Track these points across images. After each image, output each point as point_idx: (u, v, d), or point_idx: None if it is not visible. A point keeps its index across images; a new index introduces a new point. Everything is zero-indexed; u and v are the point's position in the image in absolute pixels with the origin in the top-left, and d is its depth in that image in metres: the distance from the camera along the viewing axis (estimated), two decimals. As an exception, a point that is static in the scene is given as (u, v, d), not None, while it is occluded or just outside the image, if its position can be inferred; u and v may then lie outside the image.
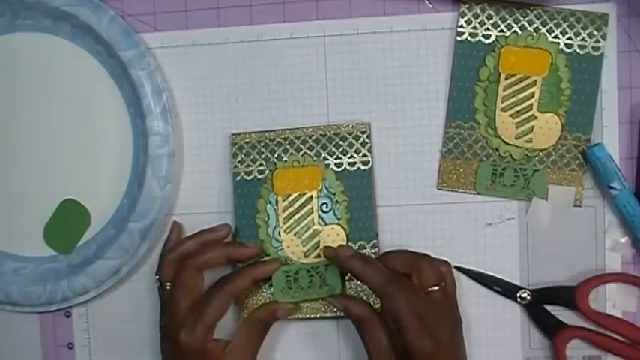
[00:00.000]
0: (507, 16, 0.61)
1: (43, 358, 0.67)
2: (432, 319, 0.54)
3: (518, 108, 0.61)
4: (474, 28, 0.61)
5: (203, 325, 0.56)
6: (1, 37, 0.65)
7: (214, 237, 0.62)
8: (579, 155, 0.61)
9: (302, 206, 0.62)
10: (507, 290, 0.62)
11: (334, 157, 0.62)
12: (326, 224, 0.62)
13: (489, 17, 0.61)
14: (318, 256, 0.62)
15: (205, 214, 0.64)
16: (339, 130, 0.62)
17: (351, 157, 0.62)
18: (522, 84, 0.61)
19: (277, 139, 0.63)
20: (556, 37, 0.61)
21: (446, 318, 0.56)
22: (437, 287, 0.56)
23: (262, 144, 0.63)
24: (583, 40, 0.60)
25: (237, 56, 0.64)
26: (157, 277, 0.60)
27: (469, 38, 0.61)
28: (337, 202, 0.62)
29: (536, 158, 0.61)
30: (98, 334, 0.66)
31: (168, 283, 0.59)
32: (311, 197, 0.62)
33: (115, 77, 0.64)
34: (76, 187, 0.65)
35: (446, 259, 0.59)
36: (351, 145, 0.62)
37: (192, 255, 0.59)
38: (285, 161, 0.63)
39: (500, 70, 0.61)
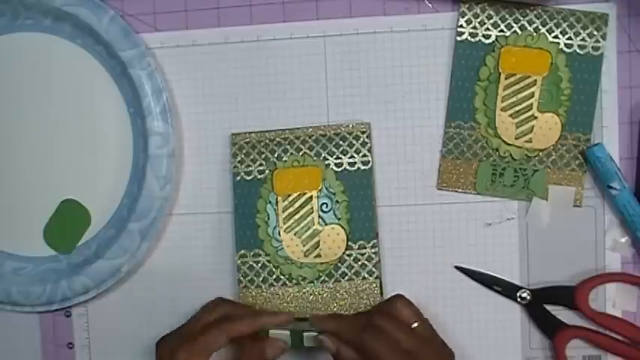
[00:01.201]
0: (507, 16, 0.61)
1: (43, 358, 0.67)
2: (424, 353, 0.54)
3: (518, 108, 0.61)
4: (474, 28, 0.61)
5: (196, 355, 0.56)
6: (1, 37, 0.65)
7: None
8: (579, 155, 0.61)
9: (302, 206, 0.62)
10: (507, 290, 0.62)
11: (334, 157, 0.62)
12: (326, 224, 0.62)
13: (489, 17, 0.61)
14: (318, 256, 0.62)
15: (205, 214, 0.64)
16: (339, 130, 0.62)
17: (351, 157, 0.62)
18: (522, 84, 0.61)
19: (277, 139, 0.63)
20: (556, 36, 0.61)
21: (438, 350, 0.56)
22: (417, 323, 0.56)
23: (262, 144, 0.63)
24: (583, 39, 0.60)
25: (237, 56, 0.64)
26: None
27: (469, 38, 0.61)
28: (337, 201, 0.62)
29: (536, 158, 0.61)
30: (98, 334, 0.66)
31: None
32: (311, 197, 0.62)
33: (115, 77, 0.64)
34: (76, 187, 0.65)
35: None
36: (351, 145, 0.62)
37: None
38: (285, 161, 0.63)
39: (500, 70, 0.61)
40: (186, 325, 0.59)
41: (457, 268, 0.63)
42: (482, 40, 0.61)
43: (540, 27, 0.61)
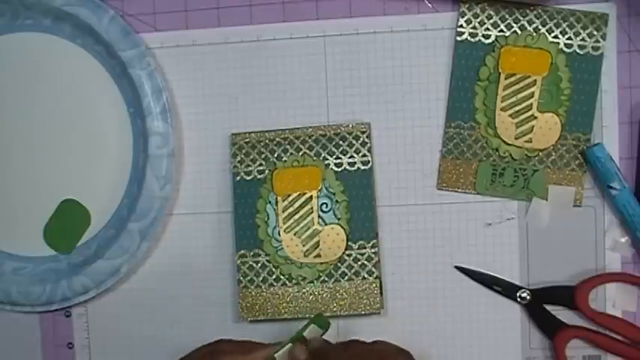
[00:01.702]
0: (507, 16, 0.61)
1: (43, 358, 0.67)
2: None
3: (518, 108, 0.61)
4: (474, 27, 0.61)
5: None
6: (1, 37, 0.65)
7: None
8: (579, 155, 0.61)
9: (302, 206, 0.62)
10: (507, 290, 0.62)
11: (334, 156, 0.62)
12: (326, 224, 0.62)
13: (489, 17, 0.61)
14: (318, 256, 0.62)
15: (205, 214, 0.64)
16: (339, 130, 0.62)
17: (351, 157, 0.62)
18: (522, 84, 0.61)
19: (277, 139, 0.63)
20: (556, 36, 0.61)
21: None
22: None
23: (262, 144, 0.63)
24: (583, 39, 0.60)
25: (237, 56, 0.64)
26: None
27: (469, 38, 0.61)
28: (337, 201, 0.62)
29: (536, 158, 0.61)
30: (98, 334, 0.66)
31: None
32: (311, 197, 0.62)
33: (115, 77, 0.64)
34: (76, 187, 0.65)
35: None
36: (350, 145, 0.62)
37: None
38: (285, 161, 0.63)
39: (500, 70, 0.61)
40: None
41: (457, 268, 0.63)
42: (482, 40, 0.61)
43: (540, 27, 0.61)
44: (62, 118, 0.65)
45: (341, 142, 0.62)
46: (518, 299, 0.62)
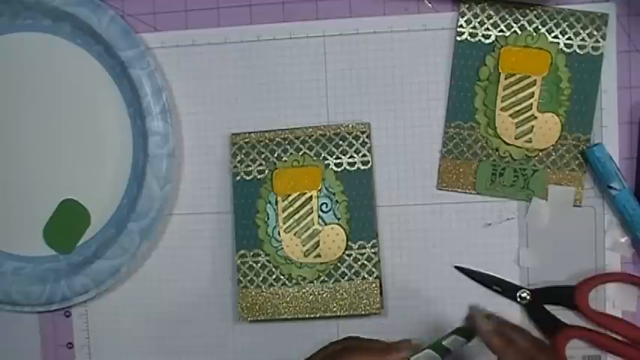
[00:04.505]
0: (507, 16, 0.61)
1: (43, 358, 0.67)
2: None
3: (518, 108, 0.61)
4: (474, 27, 0.61)
5: None
6: (1, 37, 0.65)
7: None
8: (579, 155, 0.61)
9: (302, 206, 0.62)
10: (507, 290, 0.62)
11: (334, 156, 0.62)
12: (326, 224, 0.62)
13: (489, 17, 0.61)
14: (318, 255, 0.62)
15: (205, 214, 0.64)
16: (338, 130, 0.62)
17: (351, 157, 0.62)
18: (522, 84, 0.61)
19: (277, 139, 0.63)
20: (556, 36, 0.61)
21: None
22: None
23: (262, 144, 0.63)
24: (583, 40, 0.60)
25: (237, 56, 0.64)
26: None
27: (469, 38, 0.61)
28: (337, 201, 0.62)
29: (536, 158, 0.61)
30: (98, 334, 0.66)
31: None
32: (311, 197, 0.62)
33: (115, 77, 0.64)
34: (76, 187, 0.65)
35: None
36: (350, 145, 0.62)
37: None
38: (285, 161, 0.63)
39: (500, 70, 0.61)
40: None
41: (457, 268, 0.63)
42: (482, 40, 0.61)
43: (540, 27, 0.61)
44: (62, 118, 0.65)
45: (341, 142, 0.62)
46: (518, 299, 0.62)
